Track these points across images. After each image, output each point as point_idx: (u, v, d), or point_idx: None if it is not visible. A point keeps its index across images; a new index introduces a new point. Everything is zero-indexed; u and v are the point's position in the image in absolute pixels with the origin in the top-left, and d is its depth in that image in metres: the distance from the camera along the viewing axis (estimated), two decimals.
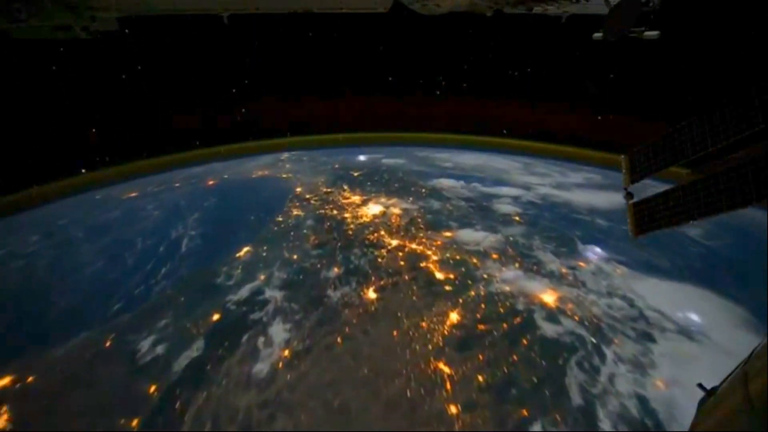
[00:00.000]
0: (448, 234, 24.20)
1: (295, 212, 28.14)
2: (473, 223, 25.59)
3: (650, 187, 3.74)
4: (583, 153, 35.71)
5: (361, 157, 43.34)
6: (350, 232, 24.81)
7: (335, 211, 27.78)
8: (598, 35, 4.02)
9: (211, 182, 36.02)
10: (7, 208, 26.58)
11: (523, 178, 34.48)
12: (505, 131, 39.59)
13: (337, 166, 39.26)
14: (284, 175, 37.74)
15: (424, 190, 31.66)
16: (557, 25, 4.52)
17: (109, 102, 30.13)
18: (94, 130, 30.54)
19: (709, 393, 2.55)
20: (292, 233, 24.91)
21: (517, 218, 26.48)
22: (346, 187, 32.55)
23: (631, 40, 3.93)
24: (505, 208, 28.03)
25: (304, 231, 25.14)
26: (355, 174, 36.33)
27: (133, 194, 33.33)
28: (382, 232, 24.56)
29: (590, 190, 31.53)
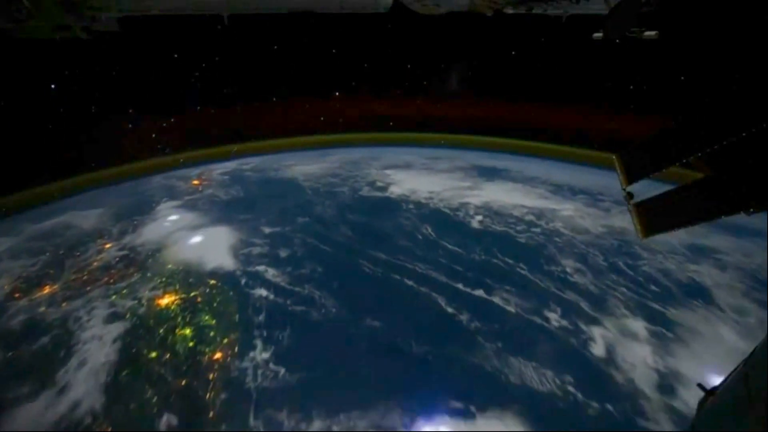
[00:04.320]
0: None
1: None
2: None
3: (650, 187, 3.70)
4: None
5: None
6: None
7: None
8: (598, 35, 4.01)
9: None
10: None
11: None
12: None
13: None
14: None
15: None
16: (558, 25, 4.52)
17: None
18: None
19: (709, 393, 2.54)
20: None
21: None
22: None
23: (631, 40, 3.92)
24: None
25: None
26: None
27: None
28: None
29: None
